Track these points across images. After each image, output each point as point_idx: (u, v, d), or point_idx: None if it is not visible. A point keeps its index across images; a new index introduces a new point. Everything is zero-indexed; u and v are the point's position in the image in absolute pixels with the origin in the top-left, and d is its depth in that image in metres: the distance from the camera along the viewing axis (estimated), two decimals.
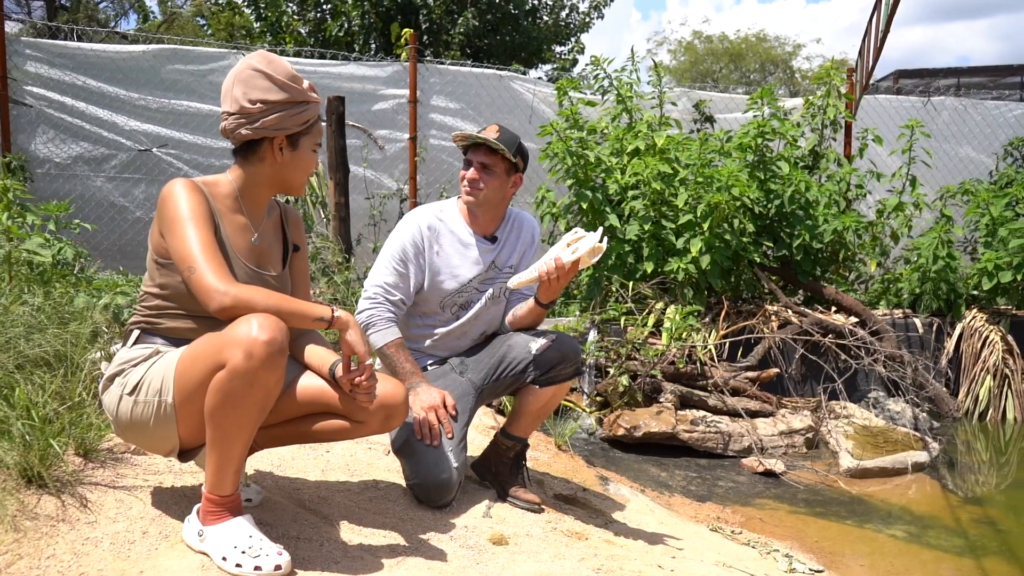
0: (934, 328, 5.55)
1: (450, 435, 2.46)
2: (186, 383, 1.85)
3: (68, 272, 3.74)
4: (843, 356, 4.95)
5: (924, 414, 4.87)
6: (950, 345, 5.51)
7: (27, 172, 5.92)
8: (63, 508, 2.00)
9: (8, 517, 1.88)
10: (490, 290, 2.70)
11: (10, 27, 6.35)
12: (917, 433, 4.53)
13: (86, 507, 2.03)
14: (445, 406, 2.47)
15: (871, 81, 6.77)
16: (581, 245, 2.44)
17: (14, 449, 2.05)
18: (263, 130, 1.98)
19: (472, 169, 2.62)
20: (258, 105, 1.96)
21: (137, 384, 1.91)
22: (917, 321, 5.53)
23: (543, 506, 2.63)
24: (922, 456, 4.21)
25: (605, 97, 5.87)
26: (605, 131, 5.73)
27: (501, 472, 2.67)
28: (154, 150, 6.29)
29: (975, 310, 5.63)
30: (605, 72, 5.75)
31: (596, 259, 2.47)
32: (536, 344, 2.56)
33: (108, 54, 6.28)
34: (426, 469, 2.43)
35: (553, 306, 2.70)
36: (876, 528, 3.44)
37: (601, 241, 2.44)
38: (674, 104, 6.30)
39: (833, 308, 5.43)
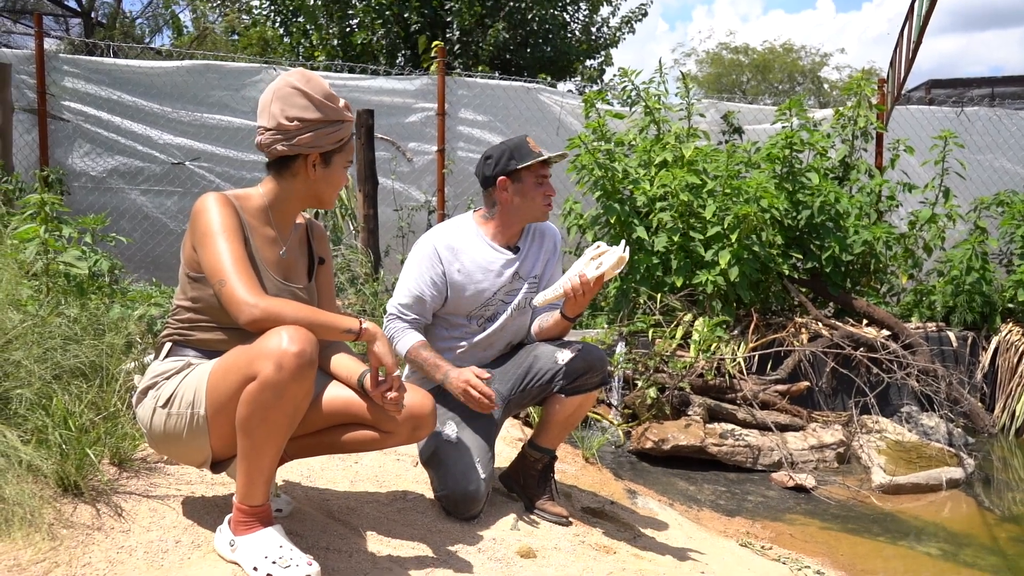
0: (968, 342, 5.46)
1: (493, 404, 2.45)
2: (218, 395, 1.87)
3: (103, 284, 3.81)
4: (875, 370, 4.88)
5: (959, 429, 4.79)
6: (985, 359, 5.41)
7: (64, 185, 6.05)
8: (98, 517, 2.04)
9: (45, 525, 1.92)
10: (515, 301, 2.71)
11: (49, 44, 6.50)
12: (951, 449, 4.45)
13: (121, 516, 2.07)
14: (478, 378, 2.46)
15: (903, 92, 6.69)
16: (605, 259, 2.44)
17: (51, 458, 2.09)
18: (298, 147, 2.01)
19: (549, 184, 2.68)
20: (295, 123, 1.99)
21: (170, 397, 1.94)
22: (951, 334, 5.44)
23: (570, 519, 2.62)
24: (957, 472, 4.13)
25: (633, 109, 5.87)
26: (633, 143, 5.73)
27: (529, 484, 2.67)
28: (187, 163, 6.40)
29: (1011, 323, 5.53)
30: (633, 84, 5.76)
31: (620, 270, 2.47)
32: (563, 354, 2.57)
33: (143, 70, 6.41)
34: (454, 481, 2.43)
35: (580, 319, 2.71)
36: (910, 545, 3.39)
37: (625, 252, 2.44)
38: (702, 116, 6.28)
39: (864, 321, 5.37)
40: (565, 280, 2.48)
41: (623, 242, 2.50)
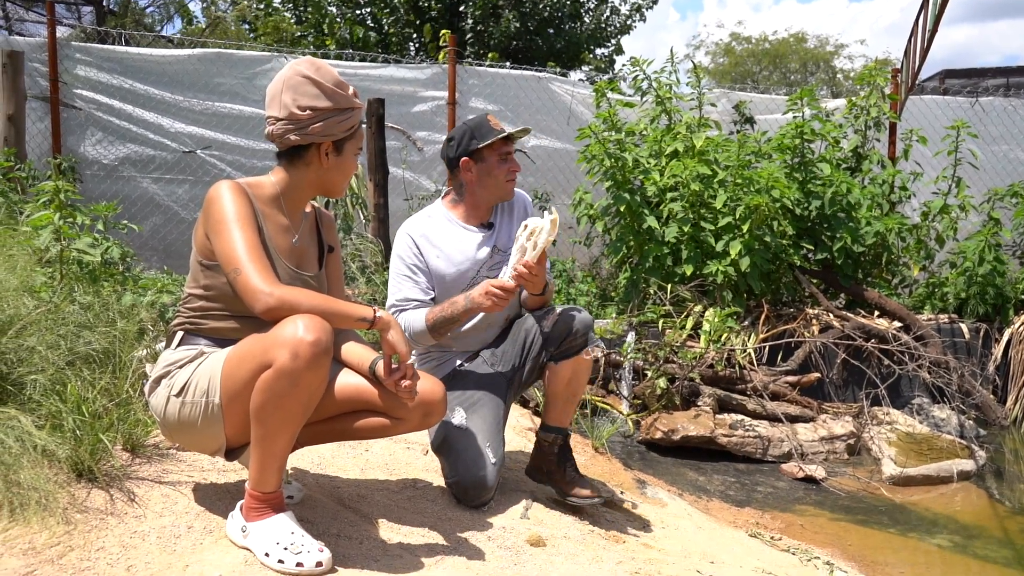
0: (981, 334, 5.42)
1: (514, 289, 2.46)
2: (233, 383, 1.88)
3: (115, 271, 3.83)
4: (886, 361, 4.86)
5: (970, 422, 4.76)
6: (998, 351, 5.38)
7: (76, 173, 6.07)
8: (111, 502, 2.05)
9: (60, 509, 1.93)
10: (501, 275, 2.71)
11: (61, 32, 6.51)
12: (963, 441, 4.43)
13: (134, 501, 2.08)
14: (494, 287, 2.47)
15: (917, 81, 6.64)
16: (540, 239, 2.44)
17: (66, 443, 2.10)
18: (311, 136, 2.01)
19: (513, 161, 2.68)
20: (307, 112, 1.99)
21: (184, 385, 1.95)
22: (963, 326, 5.41)
23: (601, 496, 2.64)
24: (968, 464, 4.12)
25: (644, 98, 5.84)
26: (643, 132, 5.70)
27: (552, 471, 2.64)
28: (198, 152, 6.41)
29: None
30: (644, 73, 5.73)
31: (555, 232, 2.46)
32: (547, 322, 2.60)
33: (155, 58, 6.42)
34: (464, 467, 2.44)
35: (548, 292, 2.70)
36: (920, 537, 3.38)
37: (551, 215, 2.44)
38: (713, 105, 6.24)
39: (876, 312, 5.34)
40: (510, 270, 2.48)
41: (545, 212, 2.48)
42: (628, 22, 11.37)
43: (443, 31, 7.07)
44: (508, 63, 7.33)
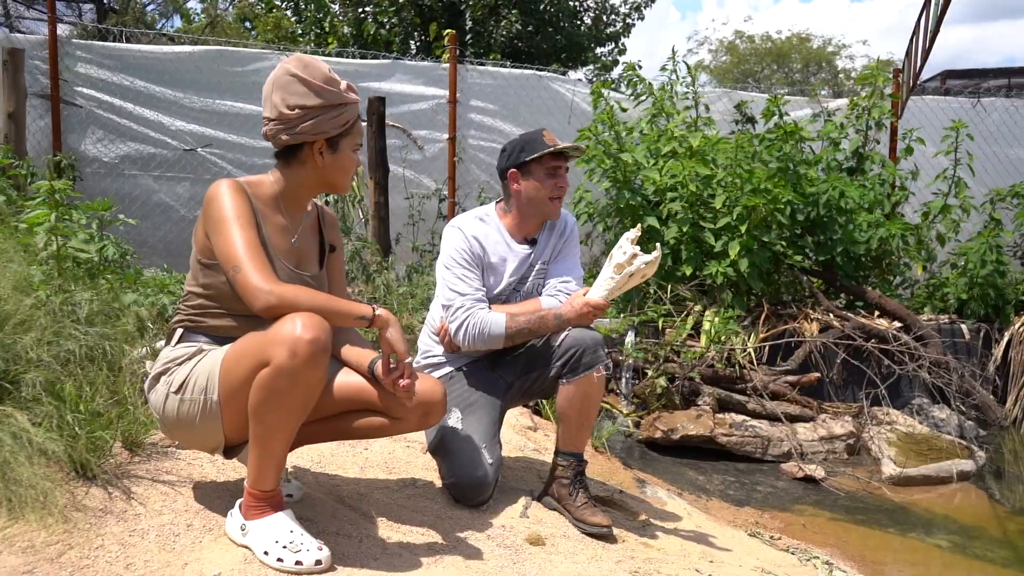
0: (981, 334, 5.42)
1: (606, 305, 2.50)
2: (231, 381, 1.88)
3: (115, 269, 3.82)
4: (886, 361, 4.86)
5: (970, 422, 4.76)
6: (998, 352, 5.37)
7: (77, 171, 6.07)
8: (110, 500, 2.05)
9: (58, 508, 1.93)
10: (524, 288, 2.71)
11: (61, 30, 6.51)
12: (963, 441, 4.43)
13: (132, 499, 2.08)
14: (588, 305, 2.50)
15: (919, 82, 6.62)
16: (650, 272, 2.46)
17: (64, 441, 2.10)
18: (302, 135, 2.00)
19: (562, 177, 2.67)
20: (296, 111, 1.98)
21: (183, 383, 1.95)
22: (964, 327, 5.41)
23: (612, 528, 2.48)
24: (968, 465, 4.11)
25: (642, 98, 5.85)
26: (643, 132, 5.70)
27: (563, 496, 2.56)
28: (199, 150, 6.41)
29: None
30: (639, 78, 5.77)
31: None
32: (557, 337, 2.56)
33: (155, 55, 6.42)
34: (461, 468, 2.44)
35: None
36: (919, 537, 3.38)
37: (658, 251, 2.46)
38: (707, 107, 6.24)
39: (876, 312, 5.34)
40: (601, 290, 2.49)
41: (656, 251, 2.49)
42: (627, 20, 11.39)
43: (446, 31, 7.06)
44: (509, 62, 7.32)
